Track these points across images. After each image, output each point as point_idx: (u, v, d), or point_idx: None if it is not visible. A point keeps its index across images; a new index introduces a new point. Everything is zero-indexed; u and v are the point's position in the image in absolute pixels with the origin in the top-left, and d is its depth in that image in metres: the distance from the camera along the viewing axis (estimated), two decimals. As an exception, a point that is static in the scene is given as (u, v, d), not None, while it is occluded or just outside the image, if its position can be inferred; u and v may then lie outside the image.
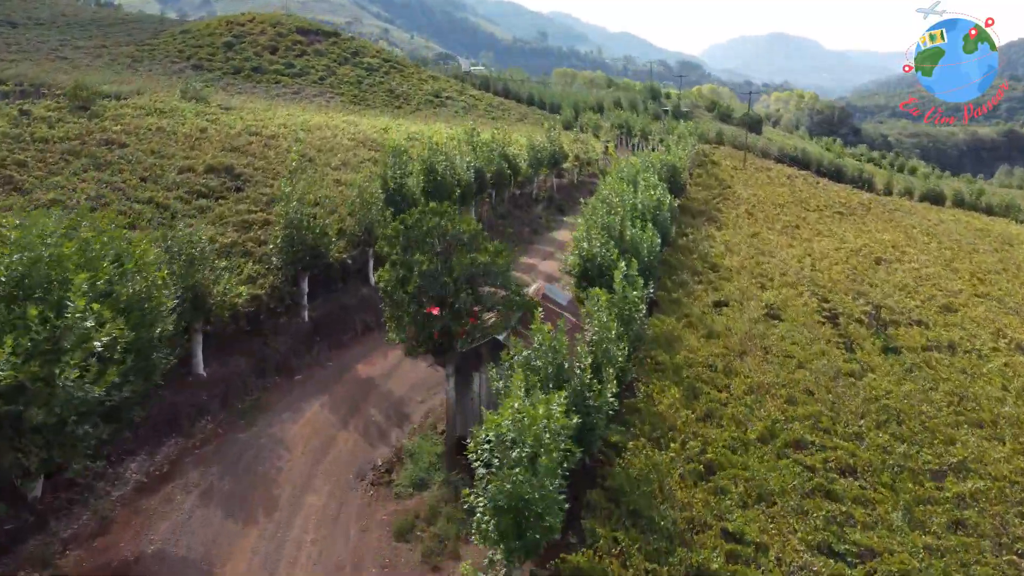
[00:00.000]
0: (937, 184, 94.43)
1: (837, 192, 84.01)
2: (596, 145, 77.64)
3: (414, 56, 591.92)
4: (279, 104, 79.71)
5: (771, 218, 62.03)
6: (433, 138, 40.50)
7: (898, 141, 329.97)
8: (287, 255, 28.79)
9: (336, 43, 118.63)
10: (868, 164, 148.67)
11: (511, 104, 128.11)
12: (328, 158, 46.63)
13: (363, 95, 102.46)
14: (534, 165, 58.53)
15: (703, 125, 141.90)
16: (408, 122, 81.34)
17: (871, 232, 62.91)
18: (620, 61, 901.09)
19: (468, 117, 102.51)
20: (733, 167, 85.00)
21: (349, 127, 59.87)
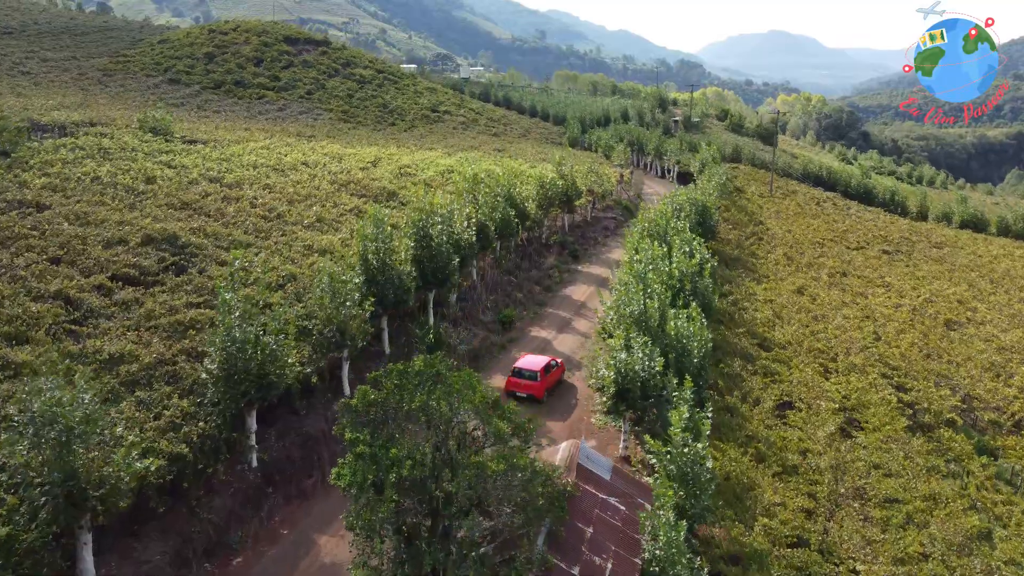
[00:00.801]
0: (976, 210, 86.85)
1: (872, 221, 76.47)
2: (610, 173, 70.06)
3: (412, 56, 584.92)
4: (257, 127, 72.01)
5: (813, 263, 54.51)
6: (428, 197, 32.71)
7: (906, 145, 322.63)
8: (226, 389, 21.20)
9: (326, 53, 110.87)
10: (889, 178, 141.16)
11: (513, 116, 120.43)
12: (302, 211, 38.93)
13: (354, 110, 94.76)
14: (544, 206, 50.94)
15: (715, 136, 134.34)
16: (401, 146, 73.65)
17: (926, 277, 55.39)
18: (620, 60, 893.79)
19: (468, 135, 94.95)
20: (759, 194, 77.45)
21: (331, 163, 52.17)
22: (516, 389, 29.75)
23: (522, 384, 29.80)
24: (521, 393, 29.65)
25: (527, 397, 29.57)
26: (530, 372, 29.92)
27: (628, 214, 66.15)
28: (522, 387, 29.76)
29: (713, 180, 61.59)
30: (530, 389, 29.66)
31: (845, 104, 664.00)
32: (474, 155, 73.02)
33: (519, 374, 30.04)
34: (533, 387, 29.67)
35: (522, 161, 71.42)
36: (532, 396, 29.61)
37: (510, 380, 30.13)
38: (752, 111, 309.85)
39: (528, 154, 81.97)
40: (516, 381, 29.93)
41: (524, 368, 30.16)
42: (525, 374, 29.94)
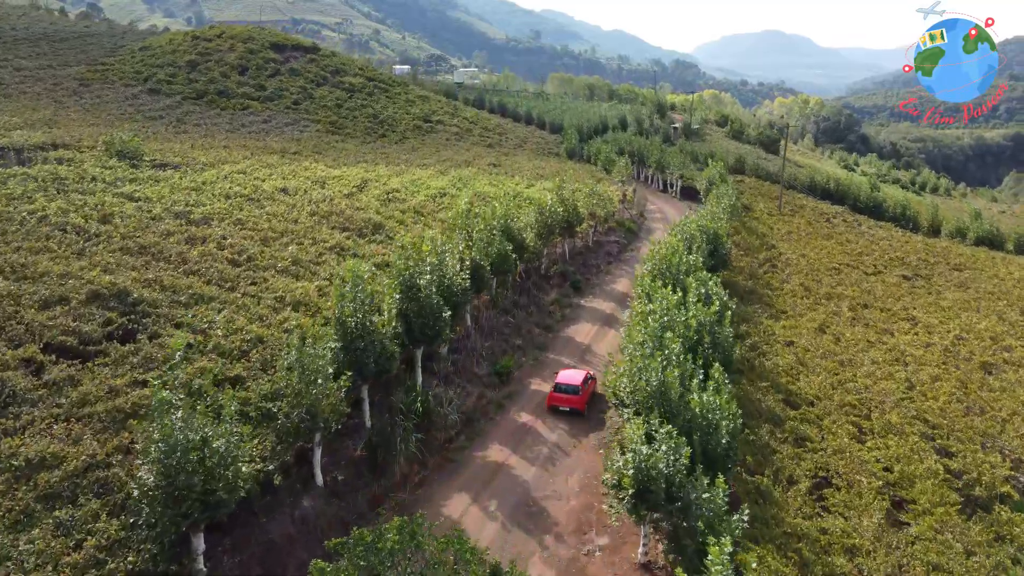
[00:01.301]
0: (992, 225, 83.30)
1: (886, 240, 72.81)
2: (612, 193, 66.24)
3: (405, 57, 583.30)
4: (238, 143, 67.97)
5: (832, 293, 50.78)
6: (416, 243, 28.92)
7: (904, 148, 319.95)
8: (163, 510, 17.34)
9: (315, 60, 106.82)
10: (894, 187, 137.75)
11: (508, 124, 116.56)
12: (276, 252, 35.02)
13: (342, 121, 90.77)
14: (544, 235, 47.13)
15: (716, 144, 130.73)
16: (391, 163, 69.69)
17: (952, 308, 51.72)
18: (615, 60, 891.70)
19: (461, 146, 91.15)
20: (768, 211, 73.73)
21: (313, 189, 48.22)
22: (559, 404, 31.55)
23: (564, 399, 31.52)
24: (564, 407, 31.48)
25: (570, 411, 31.41)
26: (572, 387, 31.67)
27: (631, 236, 62.43)
28: (564, 401, 31.51)
29: (723, 202, 57.85)
30: (572, 403, 31.47)
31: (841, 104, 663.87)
32: (468, 172, 69.20)
33: (561, 389, 31.72)
34: (575, 400, 31.48)
35: (519, 180, 67.62)
36: (575, 410, 31.36)
37: (552, 395, 31.84)
38: (749, 114, 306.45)
39: (525, 169, 78.19)
40: (559, 396, 31.64)
41: (565, 383, 31.91)
42: (567, 389, 31.65)
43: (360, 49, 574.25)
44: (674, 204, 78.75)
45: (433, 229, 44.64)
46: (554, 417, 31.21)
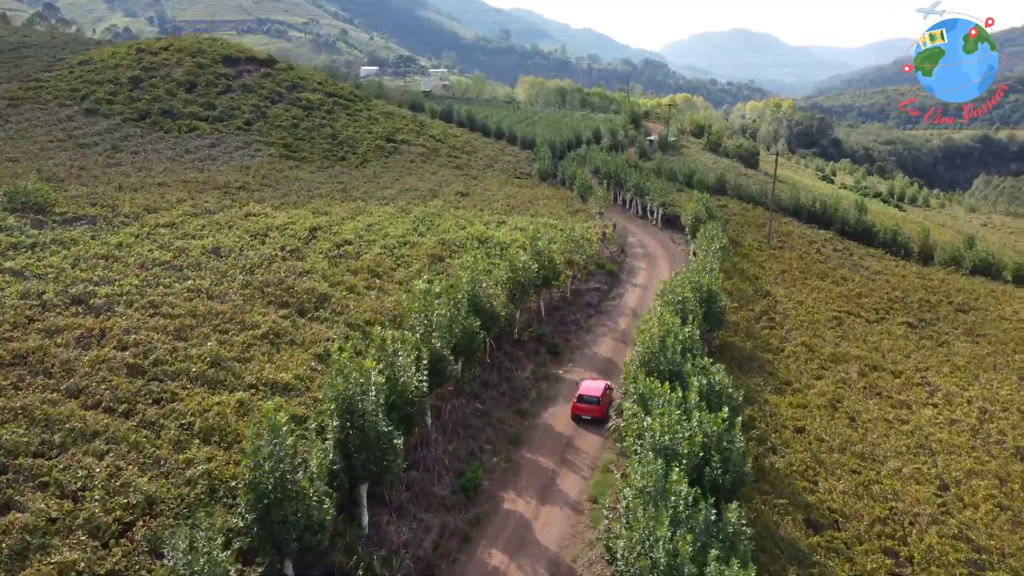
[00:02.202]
0: (988, 252, 79.12)
1: (882, 274, 68.17)
2: (591, 232, 60.58)
3: (374, 58, 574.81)
4: (177, 177, 61.26)
5: (838, 355, 45.69)
6: (358, 360, 23.08)
7: (877, 152, 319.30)
8: None
9: (270, 75, 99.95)
10: (875, 201, 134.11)
11: (477, 140, 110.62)
12: (192, 348, 28.80)
13: (298, 143, 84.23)
14: (517, 297, 41.44)
15: (695, 159, 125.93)
16: (348, 197, 63.42)
17: (967, 367, 46.92)
18: (585, 60, 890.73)
19: (427, 168, 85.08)
20: (756, 245, 68.58)
21: (250, 247, 41.89)
22: (582, 413, 35.26)
23: (586, 408, 35.18)
24: (586, 416, 35.17)
25: (591, 420, 35.09)
26: (593, 398, 35.27)
27: (612, 279, 56.90)
28: (586, 411, 35.17)
29: (713, 244, 52.52)
30: (592, 412, 35.10)
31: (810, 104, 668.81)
32: (434, 206, 63.23)
33: (583, 400, 35.34)
34: (595, 410, 35.08)
35: (488, 215, 61.76)
36: (595, 418, 35.05)
37: (575, 406, 35.44)
38: (722, 117, 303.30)
39: (496, 197, 72.38)
40: (581, 407, 35.30)
41: (587, 395, 35.47)
42: (589, 400, 35.26)
43: (327, 50, 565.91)
44: (655, 235, 73.42)
45: (391, 295, 38.73)
46: (533, 559, 25.49)
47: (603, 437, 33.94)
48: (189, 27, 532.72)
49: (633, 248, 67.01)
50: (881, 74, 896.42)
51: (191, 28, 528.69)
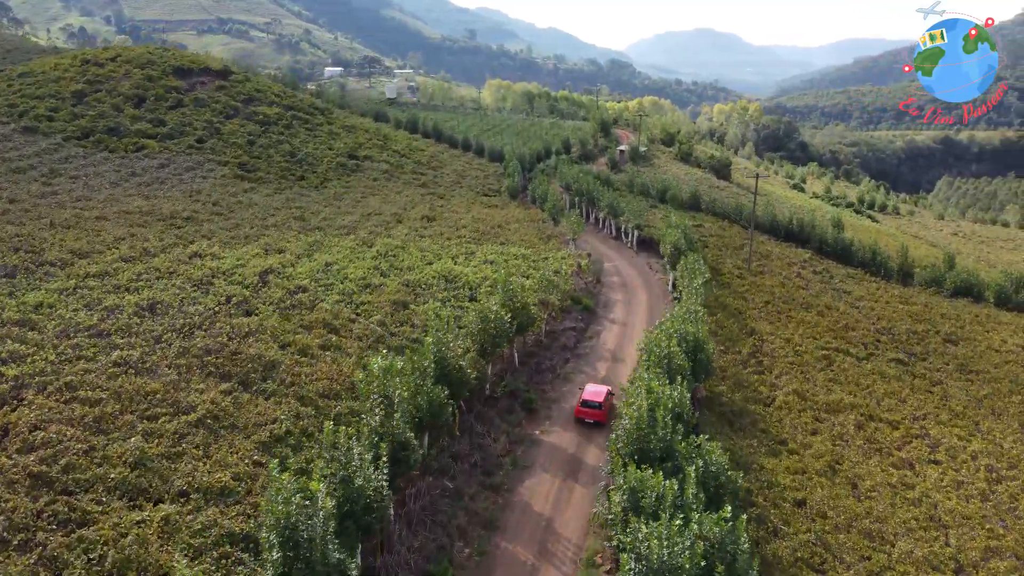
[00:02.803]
0: (970, 273, 77.35)
1: (865, 299, 65.78)
2: (565, 264, 57.07)
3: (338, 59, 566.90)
4: (119, 207, 56.62)
5: (831, 404, 42.82)
6: (302, 479, 19.28)
7: (843, 155, 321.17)
8: None
9: (224, 87, 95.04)
10: (848, 211, 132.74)
11: (444, 155, 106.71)
12: (112, 446, 24.70)
13: (254, 162, 79.71)
14: (489, 352, 37.86)
15: (666, 169, 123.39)
16: (305, 228, 59.23)
17: (964, 413, 44.37)
18: (551, 60, 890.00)
19: (392, 187, 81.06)
20: (737, 272, 65.66)
21: (191, 298, 37.70)
22: (585, 417, 37.39)
23: (589, 412, 37.33)
24: (589, 420, 37.29)
25: (594, 423, 37.25)
26: (596, 403, 37.43)
27: (589, 315, 53.52)
28: (589, 415, 37.30)
29: (696, 280, 49.38)
30: (596, 416, 37.27)
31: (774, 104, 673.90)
32: (398, 235, 59.35)
33: (587, 405, 37.50)
34: (598, 414, 37.26)
35: (456, 247, 57.97)
36: (598, 422, 37.21)
37: (579, 410, 37.62)
38: (690, 120, 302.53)
39: (464, 223, 68.64)
40: (585, 411, 37.48)
41: (590, 400, 37.59)
42: (592, 404, 37.40)
43: (290, 50, 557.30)
44: (631, 260, 70.21)
45: (349, 355, 34.88)
46: None
47: (590, 512, 30.54)
48: (147, 27, 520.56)
49: (609, 276, 63.72)
50: (841, 74, 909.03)
51: (149, 28, 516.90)
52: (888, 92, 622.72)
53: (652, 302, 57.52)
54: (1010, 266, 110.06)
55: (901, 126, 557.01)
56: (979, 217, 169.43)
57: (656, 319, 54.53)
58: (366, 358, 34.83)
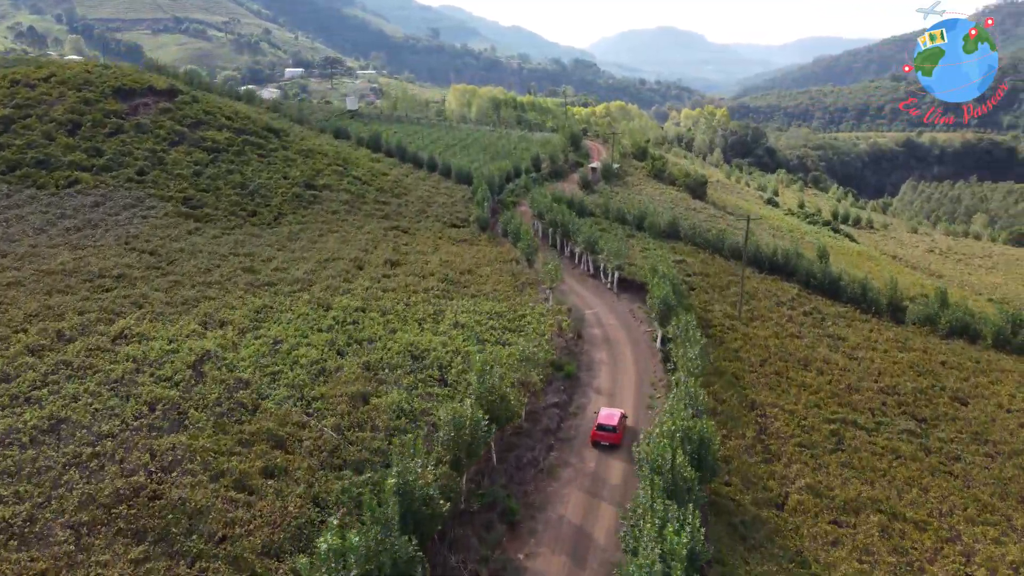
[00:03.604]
0: (965, 311, 73.74)
1: (864, 348, 61.48)
2: (545, 322, 51.60)
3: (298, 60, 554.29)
4: (43, 259, 49.88)
5: (850, 502, 38.04)
6: None
7: (810, 160, 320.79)
8: None
9: (169, 110, 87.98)
10: (825, 230, 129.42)
11: (408, 179, 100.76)
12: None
13: (201, 196, 73.10)
14: (464, 463, 32.36)
15: (641, 187, 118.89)
16: (253, 279, 53.02)
17: (994, 505, 39.94)
18: (515, 59, 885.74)
19: (351, 222, 75.02)
20: (728, 323, 60.80)
21: (107, 408, 31.47)
22: (601, 440, 39.81)
23: (605, 436, 39.69)
24: (604, 443, 39.72)
25: (609, 445, 39.72)
26: (611, 426, 39.79)
27: (572, 384, 48.21)
28: (604, 438, 39.69)
29: (691, 349, 44.27)
30: (611, 439, 39.69)
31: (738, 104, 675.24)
32: (359, 292, 53.42)
33: (603, 428, 39.83)
34: (613, 437, 39.71)
35: (423, 305, 52.19)
36: (613, 444, 39.68)
37: (595, 433, 39.95)
38: (658, 125, 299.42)
39: (431, 266, 62.92)
40: (600, 434, 39.82)
41: (605, 423, 39.94)
42: (607, 428, 39.79)
43: (249, 51, 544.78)
44: (612, 305, 65.06)
45: (298, 486, 29.05)
46: None
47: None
48: (101, 25, 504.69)
49: (590, 328, 58.43)
50: (803, 73, 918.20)
51: (103, 27, 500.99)
52: (849, 92, 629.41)
53: (640, 363, 52.39)
54: (994, 291, 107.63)
55: (862, 126, 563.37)
56: (951, 230, 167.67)
57: (645, 386, 49.58)
58: (317, 485, 29.12)
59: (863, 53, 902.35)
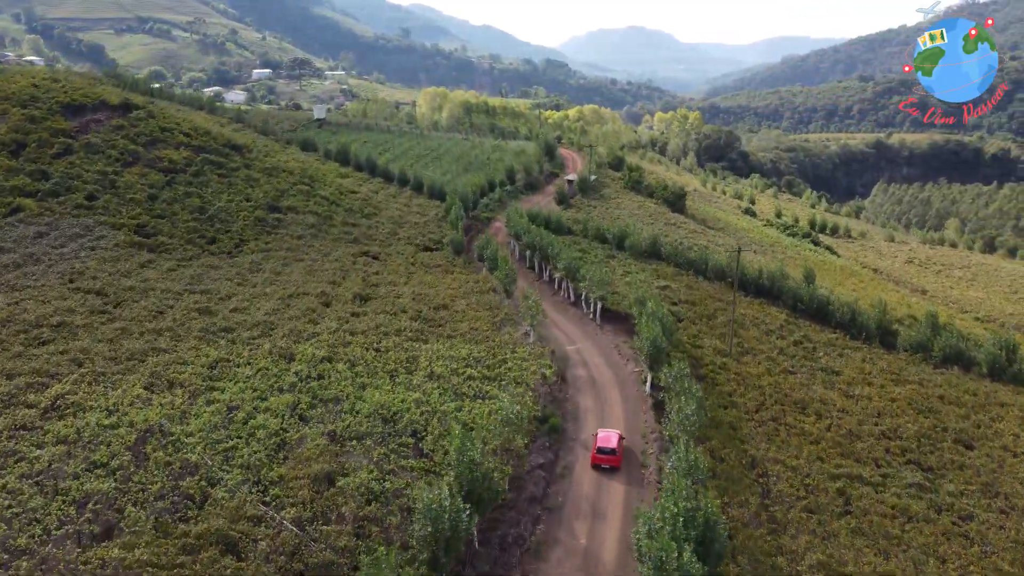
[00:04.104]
0: (959, 338, 71.48)
1: (858, 386, 58.59)
2: (527, 371, 47.77)
3: (266, 60, 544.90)
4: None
5: (866, 579, 34.79)
6: None
7: (783, 164, 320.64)
8: None
9: (123, 127, 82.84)
10: (805, 242, 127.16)
11: (378, 196, 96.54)
12: None
13: (156, 223, 68.38)
14: (440, 562, 28.51)
15: (619, 200, 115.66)
16: (208, 330, 48.60)
17: (1017, 575, 37.01)
18: (487, 59, 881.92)
19: (318, 248, 70.74)
20: (719, 361, 57.50)
21: (28, 512, 27.11)
22: (601, 463, 40.28)
23: (605, 459, 40.20)
24: (605, 465, 40.28)
25: (609, 468, 40.35)
26: (610, 448, 40.35)
27: (556, 439, 44.49)
28: (605, 461, 40.20)
29: (686, 407, 40.75)
30: (611, 461, 40.30)
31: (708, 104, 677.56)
32: (324, 335, 49.28)
33: (603, 452, 40.27)
34: (613, 460, 40.33)
35: (394, 352, 48.15)
36: (612, 467, 40.37)
37: (595, 457, 40.31)
38: (631, 129, 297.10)
39: (403, 301, 58.91)
40: (601, 458, 40.25)
41: (605, 447, 40.39)
42: (607, 451, 40.29)
43: (215, 51, 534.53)
44: (595, 338, 61.45)
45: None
46: None
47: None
48: (61, 25, 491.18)
49: (574, 368, 54.72)
50: (772, 73, 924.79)
51: (63, 26, 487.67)
52: (818, 93, 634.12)
53: (629, 411, 48.77)
54: (978, 307, 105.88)
55: (831, 127, 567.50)
56: (927, 238, 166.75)
57: (636, 437, 46.07)
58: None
59: (830, 53, 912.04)
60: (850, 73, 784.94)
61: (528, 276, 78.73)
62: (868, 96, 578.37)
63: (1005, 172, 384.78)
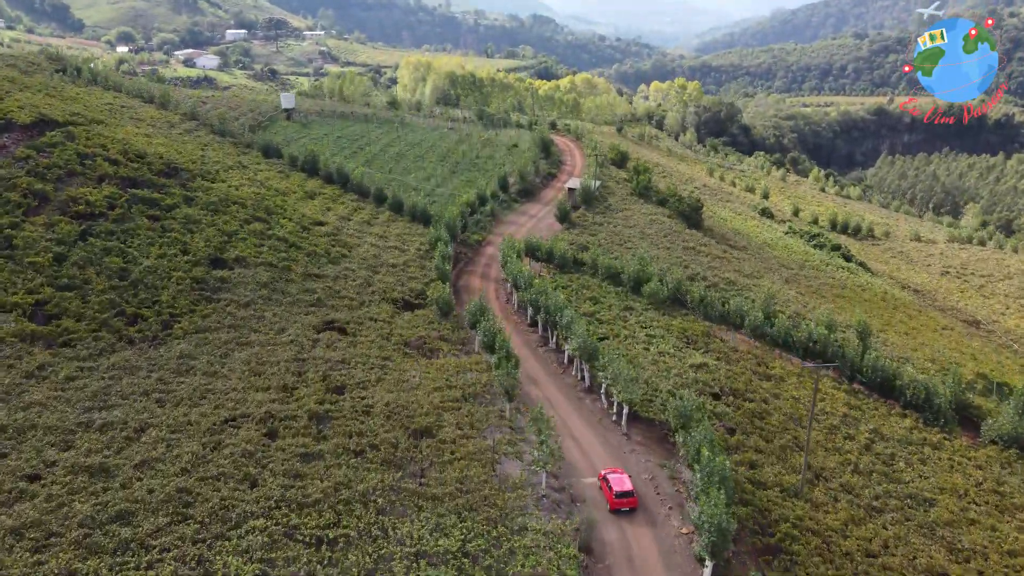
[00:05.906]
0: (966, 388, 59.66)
1: (954, 519, 45.66)
2: (540, 563, 34.33)
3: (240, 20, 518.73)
4: None
5: None
6: None
7: (787, 138, 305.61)
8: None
9: (31, 157, 67.24)
10: (835, 254, 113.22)
11: (352, 220, 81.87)
12: None
13: (61, 299, 53.63)
14: None
15: (629, 214, 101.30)
16: (111, 495, 34.67)
17: None
18: (471, 15, 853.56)
19: (272, 326, 56.55)
20: (789, 502, 44.14)
21: None
22: (622, 506, 40.59)
23: (624, 502, 40.58)
24: (625, 508, 40.58)
25: (629, 510, 40.58)
26: (628, 491, 40.82)
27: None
28: (625, 503, 40.59)
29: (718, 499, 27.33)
30: (631, 503, 40.76)
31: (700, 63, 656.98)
32: (247, 558, 35.45)
33: (622, 496, 40.59)
34: (632, 502, 40.83)
35: (363, 544, 34.34)
36: (632, 508, 40.70)
37: (614, 502, 40.52)
38: (626, 102, 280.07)
39: (376, 422, 44.98)
40: (620, 501, 40.55)
41: (623, 491, 40.67)
42: (626, 493, 40.68)
43: (188, 10, 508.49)
44: (622, 456, 47.50)
45: None
46: None
47: None
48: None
49: (603, 528, 40.90)
50: (762, 29, 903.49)
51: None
52: (811, 51, 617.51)
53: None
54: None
55: (826, 87, 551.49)
56: (954, 235, 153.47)
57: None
58: None
59: (821, 7, 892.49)
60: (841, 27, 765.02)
61: (527, 336, 65.02)
62: (864, 55, 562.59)
63: (1007, 138, 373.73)
